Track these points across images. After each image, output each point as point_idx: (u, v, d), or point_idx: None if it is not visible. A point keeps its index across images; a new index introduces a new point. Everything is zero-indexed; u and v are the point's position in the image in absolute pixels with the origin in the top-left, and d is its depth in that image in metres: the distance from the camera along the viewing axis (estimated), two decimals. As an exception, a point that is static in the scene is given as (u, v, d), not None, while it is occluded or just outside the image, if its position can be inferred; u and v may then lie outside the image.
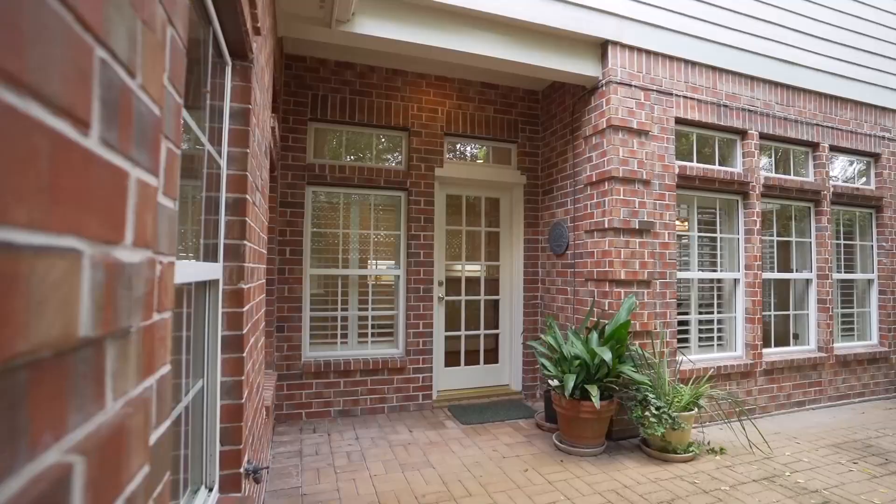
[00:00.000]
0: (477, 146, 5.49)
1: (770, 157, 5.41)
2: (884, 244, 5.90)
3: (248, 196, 1.96)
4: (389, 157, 5.14)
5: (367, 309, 4.93)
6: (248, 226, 2.00)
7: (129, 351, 0.56)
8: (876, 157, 5.90)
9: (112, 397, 0.51)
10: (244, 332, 1.92)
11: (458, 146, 5.42)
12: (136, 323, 0.57)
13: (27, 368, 0.34)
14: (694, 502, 3.05)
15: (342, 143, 4.97)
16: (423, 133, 5.01)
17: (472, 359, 5.39)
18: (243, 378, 1.92)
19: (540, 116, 5.55)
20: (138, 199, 0.54)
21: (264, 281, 3.01)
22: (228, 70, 1.91)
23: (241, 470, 1.93)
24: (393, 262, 5.06)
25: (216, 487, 1.81)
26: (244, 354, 1.92)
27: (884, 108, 5.90)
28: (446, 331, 5.25)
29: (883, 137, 5.87)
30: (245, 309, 1.94)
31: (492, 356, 5.49)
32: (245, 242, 1.93)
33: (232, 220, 1.88)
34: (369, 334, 4.93)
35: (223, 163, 1.86)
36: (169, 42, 0.68)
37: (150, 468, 0.62)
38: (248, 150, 1.96)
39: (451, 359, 5.29)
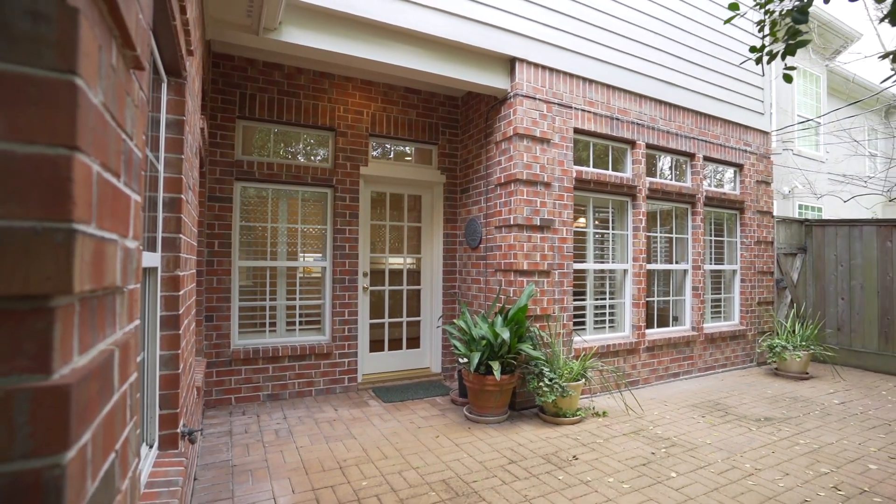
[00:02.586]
0: (400, 147, 5.89)
1: (655, 165, 6.27)
2: (745, 240, 7.00)
3: (183, 196, 2.25)
4: (317, 155, 5.42)
5: (295, 298, 5.20)
6: (183, 221, 2.29)
7: (125, 301, 0.93)
8: (740, 166, 6.97)
9: (120, 326, 0.89)
10: (180, 312, 2.22)
11: (382, 146, 5.79)
12: (131, 285, 0.95)
13: (105, 297, 0.73)
14: (573, 451, 3.69)
15: (270, 140, 5.18)
16: (349, 133, 5.34)
17: (395, 344, 5.82)
18: (179, 352, 2.23)
19: (459, 121, 6.05)
20: (134, 212, 0.92)
21: (195, 271, 3.26)
22: (164, 86, 2.19)
23: (178, 431, 2.24)
24: (320, 254, 5.36)
25: (156, 444, 2.12)
26: (180, 332, 2.22)
27: (746, 126, 6.98)
28: (371, 318, 5.64)
29: (745, 151, 6.96)
30: (181, 293, 2.24)
31: (414, 341, 5.96)
32: (180, 236, 2.23)
33: (169, 216, 2.17)
34: (297, 322, 5.21)
35: (160, 167, 2.15)
36: (142, 106, 1.05)
37: (136, 375, 0.99)
38: (182, 156, 2.25)
39: (376, 344, 5.70)
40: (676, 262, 6.49)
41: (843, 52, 11.15)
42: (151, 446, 2.09)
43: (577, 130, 5.26)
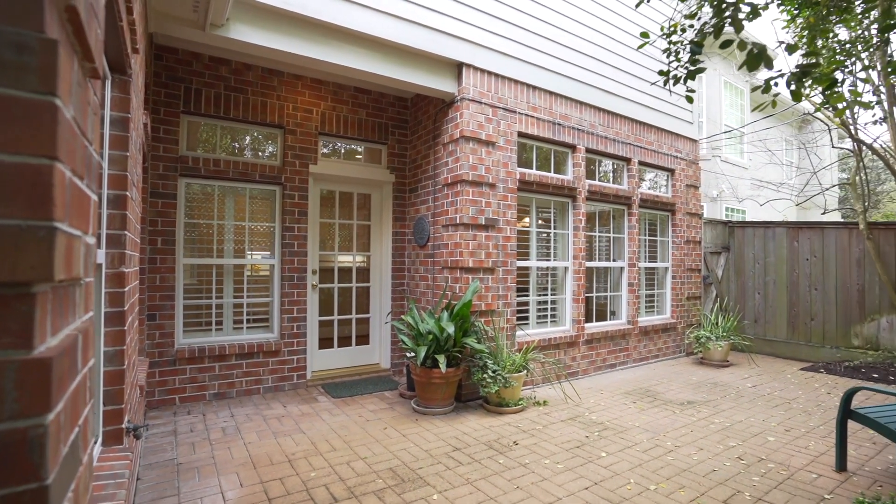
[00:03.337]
0: (350, 146, 5.95)
1: (594, 168, 6.66)
2: (676, 240, 7.56)
3: (128, 193, 2.27)
4: (265, 152, 5.39)
5: (242, 296, 5.17)
6: (129, 218, 2.31)
7: (83, 293, 1.02)
8: (671, 171, 7.51)
9: (79, 315, 0.98)
10: (125, 308, 2.24)
11: (332, 145, 5.83)
12: (88, 278, 1.04)
13: (70, 287, 0.83)
14: (514, 438, 3.93)
15: (217, 136, 5.11)
16: (298, 131, 5.36)
17: (344, 341, 5.89)
18: (124, 348, 2.24)
19: (409, 122, 6.19)
20: (92, 210, 1.01)
21: (139, 268, 3.22)
22: (108, 83, 2.20)
23: (123, 426, 2.26)
24: (268, 252, 5.35)
25: (100, 440, 2.13)
26: (125, 328, 2.24)
27: (677, 134, 7.53)
28: (320, 316, 5.68)
29: (676, 157, 7.50)
30: (126, 289, 2.26)
31: (363, 338, 6.05)
32: (126, 233, 2.25)
33: (114, 213, 2.19)
34: (244, 320, 5.18)
35: (105, 164, 2.16)
36: (96, 110, 1.13)
37: (93, 361, 1.08)
38: (127, 154, 2.27)
39: (326, 341, 5.74)
40: (614, 260, 6.92)
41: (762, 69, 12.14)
42: (96, 441, 2.11)
43: (521, 134, 5.52)
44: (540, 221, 6.05)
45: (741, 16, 2.23)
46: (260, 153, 5.37)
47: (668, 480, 3.20)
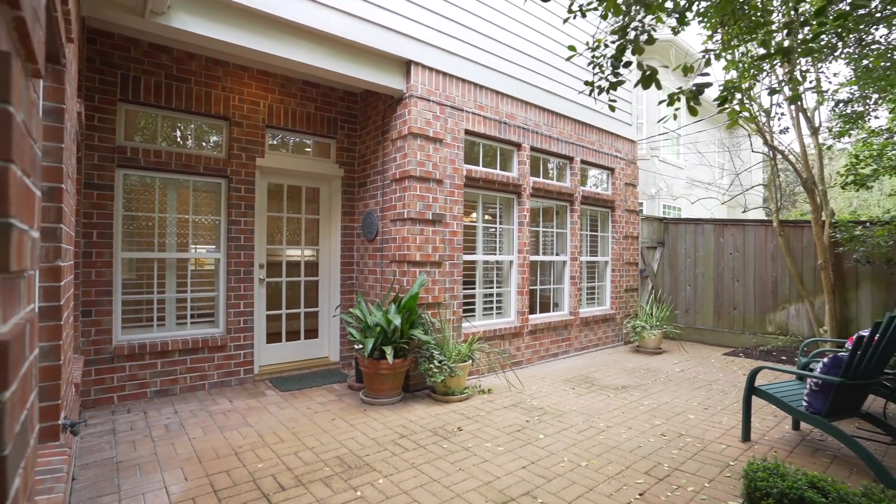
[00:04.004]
0: (299, 139, 5.91)
1: (539, 166, 6.94)
2: (615, 235, 8.00)
3: (63, 185, 2.23)
4: (210, 144, 5.27)
5: (186, 291, 5.06)
6: (64, 211, 2.27)
7: (26, 285, 1.07)
8: (611, 170, 7.93)
9: (24, 306, 1.03)
10: (61, 303, 2.21)
11: (280, 138, 5.77)
12: (31, 270, 1.08)
13: (17, 279, 0.89)
14: (458, 424, 4.11)
15: (158, 127, 4.96)
16: (244, 124, 5.28)
17: (293, 335, 5.88)
18: (60, 343, 2.22)
19: (358, 116, 6.22)
20: (37, 205, 1.06)
21: (73, 263, 3.13)
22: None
23: (60, 423, 2.23)
24: (213, 245, 5.25)
25: (36, 435, 2.10)
26: (62, 322, 2.21)
27: (617, 135, 7.95)
28: (268, 310, 5.64)
29: (616, 156, 7.93)
30: (62, 283, 2.23)
31: (312, 332, 6.06)
32: (61, 226, 2.21)
33: (48, 206, 2.15)
34: (188, 315, 5.08)
35: (39, 155, 2.11)
36: (37, 107, 1.17)
37: (38, 351, 1.13)
38: (62, 145, 2.23)
39: (274, 336, 5.71)
40: (557, 254, 7.25)
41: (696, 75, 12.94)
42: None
43: (468, 132, 5.69)
44: (486, 217, 6.26)
45: (644, 37, 2.50)
46: (204, 145, 5.25)
47: (598, 457, 3.47)
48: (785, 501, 2.25)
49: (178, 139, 5.10)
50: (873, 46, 4.78)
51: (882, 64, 4.70)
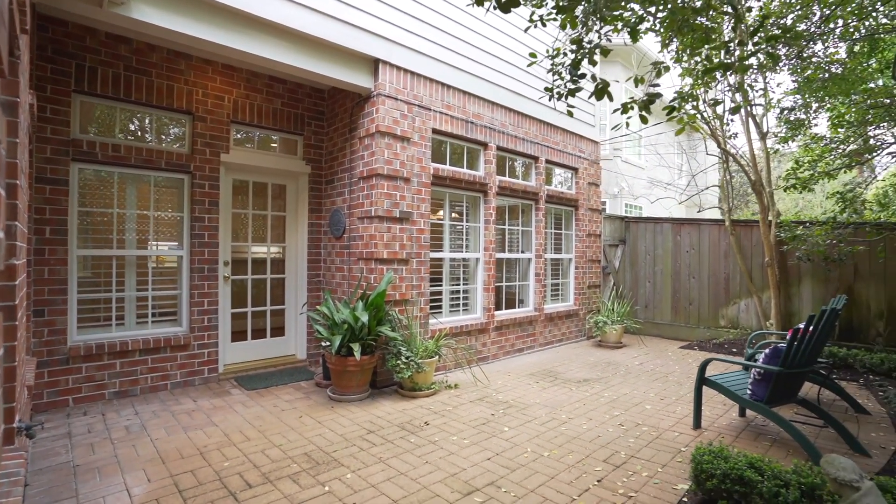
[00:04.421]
0: (265, 135, 5.83)
1: (505, 165, 7.08)
2: (579, 233, 8.24)
3: (18, 181, 2.17)
4: (172, 139, 5.15)
5: (147, 289, 4.93)
6: (19, 208, 2.21)
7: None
8: (575, 170, 8.16)
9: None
10: (16, 302, 2.16)
11: (245, 134, 5.69)
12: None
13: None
14: (425, 419, 4.18)
15: (117, 120, 4.81)
16: (208, 119, 5.18)
17: (259, 333, 5.82)
18: (16, 343, 2.16)
19: (325, 113, 6.19)
20: (3, 206, 1.07)
21: (25, 260, 3.03)
22: (-4, 66, 2.09)
23: (15, 426, 2.18)
24: (176, 242, 5.14)
25: (-9, 437, 2.05)
26: (17, 323, 2.16)
27: (581, 136, 8.19)
28: (234, 308, 5.57)
29: (580, 157, 8.16)
30: (17, 282, 2.17)
31: (279, 330, 6.01)
32: (16, 223, 2.16)
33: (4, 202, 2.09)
34: (150, 314, 4.95)
35: (2, 154, 2.06)
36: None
37: (2, 351, 1.13)
38: (17, 140, 2.17)
39: (239, 334, 5.64)
40: (522, 252, 7.41)
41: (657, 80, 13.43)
42: (-13, 439, 2.03)
43: (435, 131, 5.75)
44: (453, 215, 6.35)
45: (598, 52, 2.64)
46: (166, 140, 5.12)
47: (559, 447, 3.61)
48: (727, 481, 2.44)
49: (139, 133, 4.95)
50: (814, 59, 5.14)
51: (820, 76, 5.05)
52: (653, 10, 2.67)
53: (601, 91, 2.62)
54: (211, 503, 2.74)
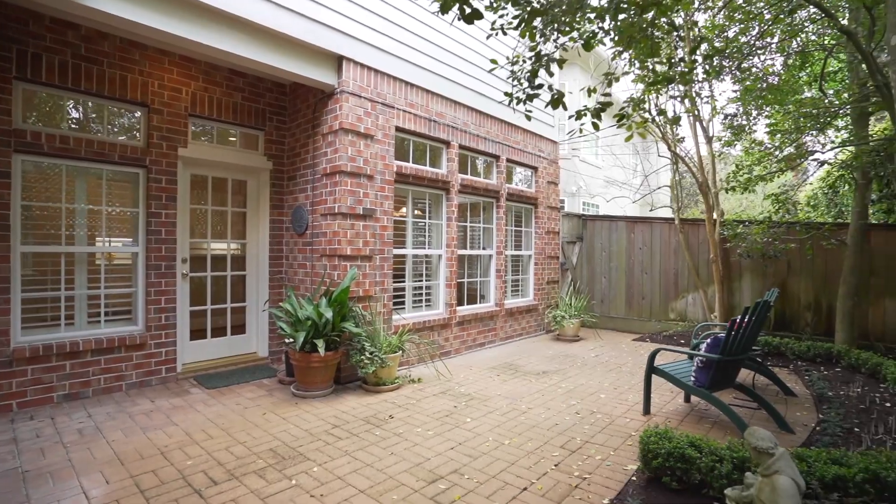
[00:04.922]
0: (225, 129, 5.71)
1: (467, 163, 7.21)
2: (538, 230, 8.49)
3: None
4: (125, 131, 4.97)
5: (99, 287, 4.76)
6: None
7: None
8: (535, 169, 8.40)
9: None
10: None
11: (204, 128, 5.55)
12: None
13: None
14: (390, 412, 4.26)
15: (64, 110, 4.60)
16: (165, 111, 5.03)
17: (219, 331, 5.71)
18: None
19: (287, 109, 6.12)
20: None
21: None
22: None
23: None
24: (131, 239, 4.97)
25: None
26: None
27: (540, 136, 8.43)
28: (192, 306, 5.44)
29: (539, 156, 8.40)
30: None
31: (239, 328, 5.92)
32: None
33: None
34: (102, 313, 4.78)
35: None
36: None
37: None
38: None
39: (198, 332, 5.52)
40: (484, 248, 7.58)
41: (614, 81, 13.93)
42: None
43: (398, 129, 5.81)
44: (416, 212, 6.43)
45: (554, 64, 2.80)
46: (120, 132, 4.94)
47: (519, 435, 3.78)
48: (670, 459, 2.65)
49: (89, 125, 4.76)
50: (753, 70, 5.54)
51: (758, 86, 5.45)
52: (605, 25, 2.85)
53: (556, 101, 2.78)
54: (175, 501, 2.73)
